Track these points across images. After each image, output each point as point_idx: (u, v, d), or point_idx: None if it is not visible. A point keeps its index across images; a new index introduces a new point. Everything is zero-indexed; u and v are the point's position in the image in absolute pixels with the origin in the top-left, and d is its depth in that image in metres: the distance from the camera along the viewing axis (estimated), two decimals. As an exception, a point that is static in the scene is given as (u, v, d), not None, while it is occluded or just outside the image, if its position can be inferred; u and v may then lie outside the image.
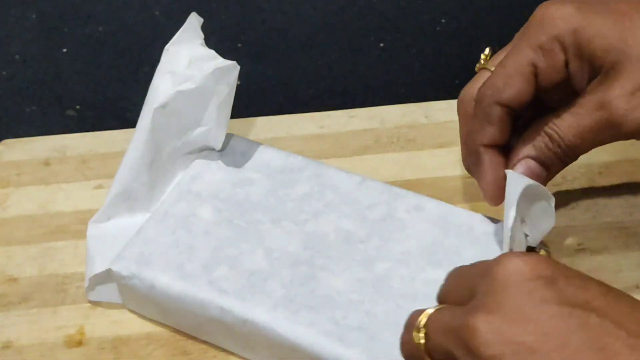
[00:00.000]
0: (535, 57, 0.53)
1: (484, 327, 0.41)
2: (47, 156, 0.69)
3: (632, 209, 0.63)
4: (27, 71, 0.85)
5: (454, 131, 0.69)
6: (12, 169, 0.69)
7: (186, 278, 0.56)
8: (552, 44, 0.53)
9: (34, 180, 0.68)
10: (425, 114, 0.70)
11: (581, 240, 0.62)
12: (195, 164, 0.62)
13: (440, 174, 0.66)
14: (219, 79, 0.60)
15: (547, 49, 0.53)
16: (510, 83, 0.54)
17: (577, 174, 0.65)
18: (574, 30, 0.53)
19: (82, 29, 0.88)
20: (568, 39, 0.53)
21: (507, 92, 0.54)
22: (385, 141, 0.69)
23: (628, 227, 0.62)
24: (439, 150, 0.68)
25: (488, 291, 0.42)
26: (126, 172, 0.60)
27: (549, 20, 0.53)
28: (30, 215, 0.66)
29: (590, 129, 0.53)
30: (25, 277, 0.62)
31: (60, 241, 0.64)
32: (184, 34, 0.61)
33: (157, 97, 0.60)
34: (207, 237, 0.59)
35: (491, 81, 0.55)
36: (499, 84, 0.54)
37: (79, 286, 0.61)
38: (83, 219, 0.63)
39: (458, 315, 0.42)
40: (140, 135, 0.60)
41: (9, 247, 0.64)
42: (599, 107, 0.52)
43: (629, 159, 0.66)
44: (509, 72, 0.54)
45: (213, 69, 0.60)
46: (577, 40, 0.53)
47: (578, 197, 0.64)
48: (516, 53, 0.54)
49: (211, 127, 0.61)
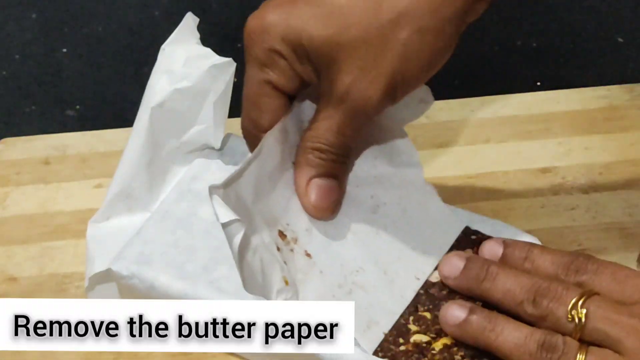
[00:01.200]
0: (263, 75, 0.54)
1: None
2: (47, 155, 0.69)
3: (632, 209, 0.63)
4: (27, 71, 0.85)
5: (454, 131, 0.69)
6: (11, 168, 0.69)
7: (186, 278, 0.56)
8: (271, 57, 0.53)
9: (33, 179, 0.68)
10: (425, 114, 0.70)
11: (581, 241, 0.62)
12: (195, 163, 0.62)
13: (440, 174, 0.66)
14: (215, 77, 0.60)
15: (269, 63, 0.54)
16: (262, 109, 0.54)
17: (577, 175, 0.65)
18: (282, 37, 0.53)
19: (82, 29, 0.88)
20: (281, 47, 0.53)
21: (264, 119, 0.54)
22: (385, 141, 0.69)
23: (628, 227, 0.62)
24: (439, 150, 0.68)
25: None
26: (125, 172, 0.60)
27: (258, 34, 0.53)
28: (30, 215, 0.66)
29: (345, 124, 0.54)
30: (25, 276, 0.62)
31: (60, 240, 0.64)
32: (180, 33, 0.61)
33: (154, 96, 0.60)
34: (207, 237, 0.58)
35: (246, 114, 0.55)
36: (254, 115, 0.55)
37: (78, 286, 0.61)
38: (83, 218, 0.62)
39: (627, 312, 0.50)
40: (138, 134, 0.60)
41: (9, 247, 0.64)
42: (340, 101, 0.53)
43: (629, 159, 0.66)
44: (253, 100, 0.55)
45: (209, 67, 0.60)
46: (290, 46, 0.53)
47: (578, 198, 0.64)
48: (249, 79, 0.55)
49: (209, 125, 0.61)
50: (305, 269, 0.54)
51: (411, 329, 0.54)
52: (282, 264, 0.53)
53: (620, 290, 0.52)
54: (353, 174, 0.58)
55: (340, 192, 0.56)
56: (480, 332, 0.51)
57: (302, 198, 0.55)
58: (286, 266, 0.53)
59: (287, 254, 0.54)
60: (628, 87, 0.71)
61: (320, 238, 0.56)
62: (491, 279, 0.53)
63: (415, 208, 0.59)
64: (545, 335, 0.50)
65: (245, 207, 0.53)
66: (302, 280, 0.54)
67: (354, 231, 0.56)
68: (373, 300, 0.54)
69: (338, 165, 0.55)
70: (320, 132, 0.54)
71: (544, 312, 0.51)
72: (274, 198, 0.55)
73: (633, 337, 0.49)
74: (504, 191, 0.65)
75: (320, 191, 0.55)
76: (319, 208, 0.55)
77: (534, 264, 0.54)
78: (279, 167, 0.55)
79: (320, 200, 0.55)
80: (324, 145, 0.54)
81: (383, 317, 0.54)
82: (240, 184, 0.53)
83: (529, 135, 0.68)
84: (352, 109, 0.53)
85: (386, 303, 0.55)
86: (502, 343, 0.51)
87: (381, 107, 0.53)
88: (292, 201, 0.55)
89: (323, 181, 0.55)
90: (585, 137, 0.68)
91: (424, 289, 0.55)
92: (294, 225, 0.55)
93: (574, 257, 0.54)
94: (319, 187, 0.55)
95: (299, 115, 0.57)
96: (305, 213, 0.56)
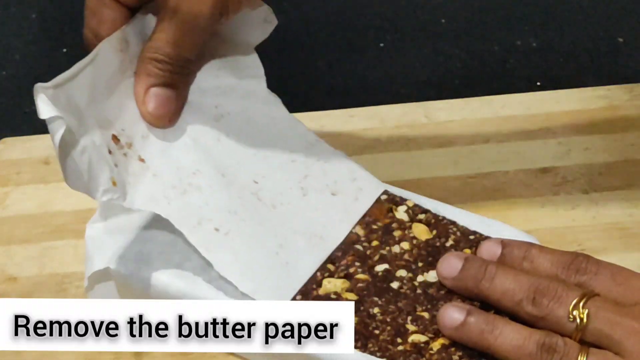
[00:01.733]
0: None
1: None
2: (46, 155, 0.69)
3: (632, 209, 0.63)
4: (27, 71, 0.85)
5: (454, 131, 0.69)
6: (11, 167, 0.69)
7: (185, 277, 0.56)
8: None
9: (33, 179, 0.68)
10: (425, 114, 0.70)
11: (581, 241, 0.62)
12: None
13: (440, 174, 0.66)
14: None
15: None
16: (101, 19, 0.56)
17: (577, 175, 0.65)
18: None
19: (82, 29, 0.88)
20: None
21: (103, 29, 0.56)
22: (385, 141, 0.69)
23: (628, 227, 0.62)
24: (439, 150, 0.68)
25: None
26: None
27: None
28: (30, 215, 0.66)
29: (180, 37, 0.56)
30: (25, 276, 0.62)
31: (60, 240, 0.64)
32: None
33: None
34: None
35: (87, 24, 0.57)
36: (93, 25, 0.57)
37: (78, 285, 0.61)
38: (83, 218, 0.62)
39: (628, 313, 0.50)
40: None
41: (9, 247, 0.64)
42: (173, 14, 0.55)
43: (629, 159, 0.66)
44: (94, 10, 0.57)
45: None
46: None
47: (578, 198, 0.64)
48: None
49: None
50: (137, 172, 0.56)
51: (409, 329, 0.54)
52: (111, 165, 0.54)
53: (620, 291, 0.52)
54: (196, 85, 0.59)
55: (178, 102, 0.57)
56: (478, 334, 0.51)
57: (140, 106, 0.57)
58: (116, 169, 0.54)
59: (120, 157, 0.55)
60: (628, 87, 0.71)
61: (157, 144, 0.57)
62: (489, 278, 0.53)
63: (260, 117, 0.60)
64: (545, 336, 0.50)
65: (77, 109, 0.54)
66: (133, 183, 0.55)
67: (194, 137, 0.58)
68: (208, 200, 0.56)
69: (176, 76, 0.57)
70: (159, 43, 0.56)
71: (544, 312, 0.51)
72: (111, 104, 0.56)
73: (634, 339, 0.49)
74: (504, 191, 0.65)
75: (158, 100, 0.56)
76: (156, 116, 0.57)
77: (533, 263, 0.54)
78: (119, 75, 0.56)
79: (157, 109, 0.57)
80: (162, 56, 0.56)
81: (216, 214, 0.56)
82: (73, 86, 0.54)
83: (529, 135, 0.68)
84: (185, 22, 0.55)
85: (220, 201, 0.56)
86: (501, 345, 0.51)
87: (213, 21, 0.56)
88: (130, 109, 0.57)
89: (161, 90, 0.57)
90: (585, 137, 0.68)
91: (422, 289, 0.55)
92: (130, 131, 0.56)
93: (573, 257, 0.54)
94: (156, 96, 0.56)
95: (142, 27, 0.58)
96: (143, 121, 0.57)
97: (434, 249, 0.57)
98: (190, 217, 0.55)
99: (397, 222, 0.59)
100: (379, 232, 0.58)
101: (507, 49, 0.84)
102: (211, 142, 0.58)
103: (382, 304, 0.55)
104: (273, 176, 0.59)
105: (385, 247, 0.57)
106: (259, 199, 0.57)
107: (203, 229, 0.55)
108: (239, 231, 0.56)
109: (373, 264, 0.57)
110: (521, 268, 0.54)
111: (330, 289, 0.55)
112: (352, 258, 0.57)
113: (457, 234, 0.58)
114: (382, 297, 0.55)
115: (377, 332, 0.53)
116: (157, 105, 0.56)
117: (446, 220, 0.58)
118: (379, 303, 0.55)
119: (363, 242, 0.58)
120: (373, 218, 0.59)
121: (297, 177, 0.59)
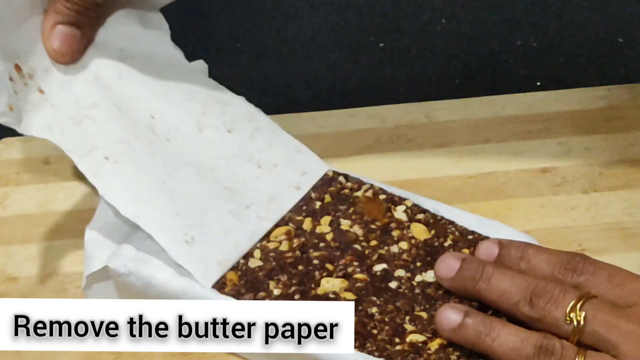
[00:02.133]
0: None
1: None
2: (46, 155, 0.69)
3: (632, 209, 0.63)
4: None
5: (454, 131, 0.69)
6: (11, 167, 0.69)
7: (183, 275, 0.56)
8: None
9: (33, 179, 0.68)
10: (425, 114, 0.70)
11: (581, 241, 0.62)
12: None
13: (440, 174, 0.66)
14: None
15: None
16: None
17: (577, 174, 0.65)
18: None
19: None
20: None
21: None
22: (385, 141, 0.69)
23: (628, 227, 0.62)
24: (439, 150, 0.68)
25: None
26: None
27: None
28: (30, 214, 0.66)
29: None
30: (25, 276, 0.62)
31: (60, 240, 0.64)
32: None
33: None
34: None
35: None
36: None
37: (78, 285, 0.61)
38: (83, 218, 0.62)
39: (625, 316, 0.50)
40: None
41: (9, 246, 0.64)
42: None
43: (629, 159, 0.66)
44: None
45: None
46: None
47: (578, 198, 0.64)
48: None
49: None
50: (36, 103, 0.57)
51: (407, 329, 0.54)
52: (11, 92, 0.56)
53: (617, 292, 0.52)
54: (103, 30, 0.61)
55: (82, 41, 0.59)
56: (476, 336, 0.51)
57: (45, 41, 0.58)
58: (15, 96, 0.56)
59: (20, 86, 0.57)
60: (628, 87, 0.71)
61: (58, 78, 0.59)
62: (486, 279, 0.53)
63: (162, 61, 0.62)
64: (542, 339, 0.50)
65: None
66: (30, 111, 0.57)
67: (96, 74, 0.60)
68: (102, 130, 0.58)
69: (83, 17, 0.59)
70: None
71: (540, 313, 0.51)
72: (18, 35, 0.57)
73: (630, 342, 0.49)
74: (504, 191, 0.65)
75: (62, 37, 0.58)
76: (59, 52, 0.58)
77: (530, 263, 0.54)
78: (29, 8, 0.58)
79: (61, 46, 0.58)
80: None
81: (108, 144, 0.58)
82: None
83: (529, 135, 0.68)
84: None
85: (113, 133, 0.58)
86: (499, 347, 0.51)
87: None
88: (36, 43, 0.58)
89: (66, 29, 0.58)
90: (585, 137, 0.68)
91: (420, 289, 0.55)
92: (33, 63, 0.58)
93: (570, 257, 0.54)
94: (61, 33, 0.58)
95: None
96: (47, 56, 0.59)
97: (433, 248, 0.57)
98: (82, 146, 0.57)
99: (396, 221, 0.59)
100: (377, 231, 0.58)
101: (507, 49, 0.84)
102: (113, 80, 0.60)
103: (380, 303, 0.55)
104: (171, 112, 0.61)
105: (384, 247, 0.57)
106: (153, 133, 0.59)
107: (93, 157, 0.57)
108: (128, 160, 0.58)
109: (371, 264, 0.57)
110: (518, 268, 0.54)
111: (328, 289, 0.56)
112: (351, 258, 0.57)
113: (456, 234, 0.58)
114: (380, 297, 0.55)
115: (375, 332, 0.54)
116: (61, 42, 0.58)
117: (445, 220, 0.59)
118: (377, 303, 0.55)
119: (361, 242, 0.58)
120: (372, 218, 0.59)
121: (195, 114, 0.61)
